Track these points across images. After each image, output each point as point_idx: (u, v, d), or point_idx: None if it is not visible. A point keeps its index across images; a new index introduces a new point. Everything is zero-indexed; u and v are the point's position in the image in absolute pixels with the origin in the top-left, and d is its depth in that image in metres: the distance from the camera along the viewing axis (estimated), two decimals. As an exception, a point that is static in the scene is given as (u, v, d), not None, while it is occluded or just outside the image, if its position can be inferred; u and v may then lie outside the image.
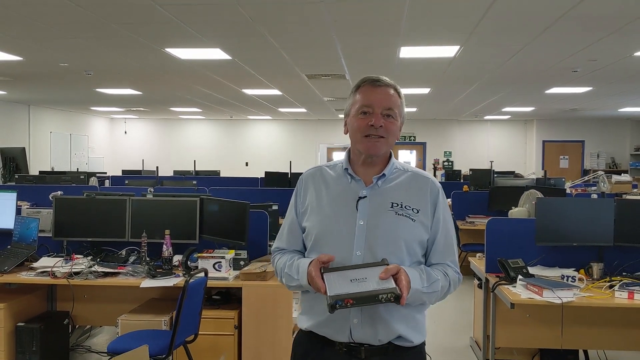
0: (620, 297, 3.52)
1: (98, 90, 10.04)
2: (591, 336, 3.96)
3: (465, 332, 5.08)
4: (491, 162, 14.71)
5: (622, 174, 11.68)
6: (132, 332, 3.57)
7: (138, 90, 10.17)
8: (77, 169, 12.99)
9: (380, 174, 1.80)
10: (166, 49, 6.19)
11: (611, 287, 3.62)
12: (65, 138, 14.68)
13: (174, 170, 11.98)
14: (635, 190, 8.00)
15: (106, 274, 3.90)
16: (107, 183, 9.86)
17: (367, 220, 1.73)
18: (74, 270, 3.87)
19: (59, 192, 4.60)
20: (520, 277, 3.73)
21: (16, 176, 9.25)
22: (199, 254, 3.94)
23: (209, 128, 17.46)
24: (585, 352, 4.38)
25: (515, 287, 3.66)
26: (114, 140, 17.51)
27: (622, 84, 8.52)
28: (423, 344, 1.82)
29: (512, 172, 11.05)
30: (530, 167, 15.65)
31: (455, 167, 15.42)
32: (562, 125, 15.79)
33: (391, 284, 1.55)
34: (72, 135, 14.98)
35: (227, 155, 17.06)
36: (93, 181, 8.55)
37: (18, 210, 4.56)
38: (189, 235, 4.25)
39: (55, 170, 12.20)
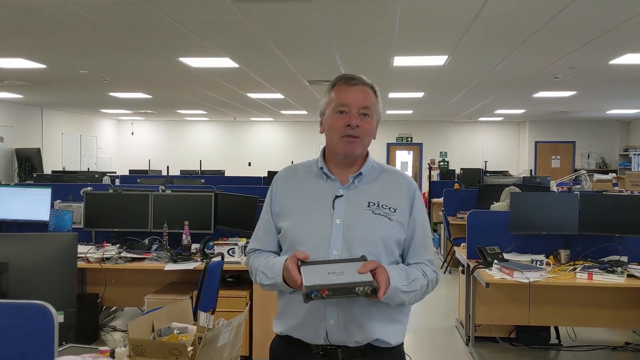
0: (581, 277, 4.05)
1: (111, 94, 10.61)
2: (556, 314, 4.49)
3: (451, 315, 5.62)
4: (485, 162, 15.25)
5: (610, 173, 12.24)
6: (157, 307, 4.13)
7: (148, 94, 10.74)
8: (88, 168, 13.56)
9: (357, 173, 1.78)
10: (179, 58, 6.77)
11: (575, 269, 4.17)
12: (76, 139, 15.25)
13: (180, 170, 12.47)
14: (615, 188, 8.54)
15: (133, 259, 4.45)
16: (116, 182, 10.37)
17: (344, 219, 1.70)
18: (105, 255, 4.43)
19: (89, 188, 5.14)
20: (496, 261, 4.28)
21: (34, 175, 9.80)
22: (215, 242, 4.49)
23: (213, 129, 18.00)
24: (556, 328, 4.94)
25: (491, 270, 4.20)
26: (121, 141, 18.06)
27: (603, 89, 9.08)
28: (402, 344, 1.79)
29: (502, 172, 11.56)
30: (523, 167, 16.18)
31: (451, 167, 15.94)
32: (553, 126, 16.32)
33: (369, 277, 1.52)
34: (82, 137, 15.57)
35: (230, 155, 17.58)
36: (106, 180, 9.10)
37: (51, 205, 5.11)
38: (205, 226, 4.79)
39: (66, 169, 12.77)
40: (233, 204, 4.81)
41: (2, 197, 4.99)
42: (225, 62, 6.96)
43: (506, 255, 4.45)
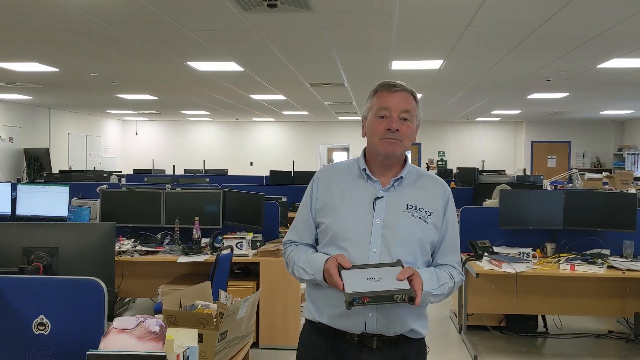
0: (564, 268, 4.37)
1: (118, 95, 10.93)
2: (541, 303, 4.80)
3: (445, 306, 5.93)
4: (482, 161, 15.61)
5: (603, 172, 12.56)
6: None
7: (154, 96, 11.06)
8: (94, 168, 13.87)
9: (398, 177, 1.86)
10: (187, 62, 7.09)
11: (559, 261, 4.49)
12: (82, 139, 15.57)
13: (184, 169, 12.76)
14: (606, 186, 8.86)
15: (148, 252, 4.77)
16: (122, 181, 10.67)
17: (384, 219, 1.79)
18: (121, 249, 4.74)
19: (105, 186, 5.46)
20: (486, 254, 4.60)
21: (44, 174, 10.11)
22: (224, 236, 4.81)
23: (216, 129, 18.30)
24: (544, 317, 5.26)
25: (481, 262, 4.52)
26: (125, 141, 18.38)
27: (595, 90, 9.39)
28: (424, 337, 1.91)
29: (498, 171, 11.89)
30: (519, 166, 16.50)
31: (449, 166, 16.23)
32: (549, 126, 16.63)
33: (406, 285, 1.61)
34: (87, 137, 15.89)
35: (232, 155, 17.87)
36: (113, 179, 9.42)
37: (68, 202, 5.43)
38: (214, 221, 5.09)
39: (72, 169, 13.10)
40: (240, 200, 5.12)
41: (24, 195, 5.31)
42: (231, 66, 7.29)
43: (496, 249, 4.76)
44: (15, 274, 2.04)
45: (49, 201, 5.33)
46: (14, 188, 5.44)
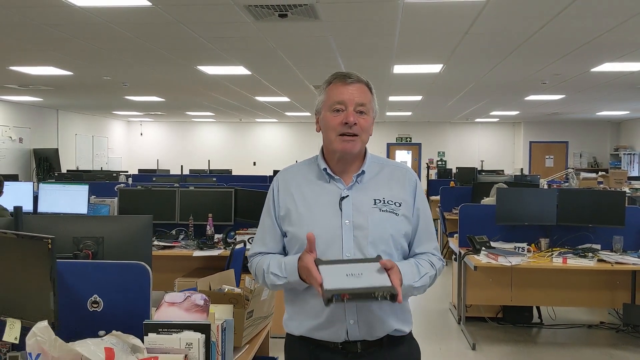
0: (557, 261, 4.65)
1: (127, 97, 11.23)
2: (535, 295, 5.10)
3: (445, 299, 6.23)
4: (482, 161, 15.90)
5: (600, 172, 12.86)
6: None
7: (162, 98, 11.35)
8: (101, 168, 14.16)
9: (360, 172, 1.77)
10: (197, 67, 7.38)
11: (552, 255, 4.78)
12: (88, 140, 15.87)
13: (189, 169, 13.03)
14: (600, 185, 9.17)
15: (164, 247, 5.06)
16: (129, 181, 10.94)
17: (353, 219, 1.70)
18: (140, 244, 5.02)
19: (122, 185, 5.75)
20: (483, 248, 4.88)
21: (55, 174, 10.40)
22: (237, 231, 5.10)
23: (220, 130, 18.57)
24: (538, 309, 5.54)
25: (479, 256, 4.80)
26: (130, 142, 18.67)
27: (590, 92, 9.69)
28: (411, 331, 1.83)
29: (496, 171, 12.16)
30: (518, 166, 16.79)
31: (449, 166, 16.51)
32: (547, 127, 16.92)
33: (387, 282, 1.53)
34: (94, 137, 16.19)
35: (236, 155, 18.13)
36: (122, 178, 9.71)
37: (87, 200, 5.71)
38: (226, 218, 5.36)
39: (79, 169, 13.39)
40: (251, 198, 5.40)
41: (46, 193, 5.61)
42: (239, 70, 7.59)
43: (493, 244, 5.03)
44: (70, 259, 2.32)
45: (69, 199, 5.61)
46: (36, 187, 5.75)
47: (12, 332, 1.92)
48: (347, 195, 1.72)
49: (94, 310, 2.12)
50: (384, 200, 1.73)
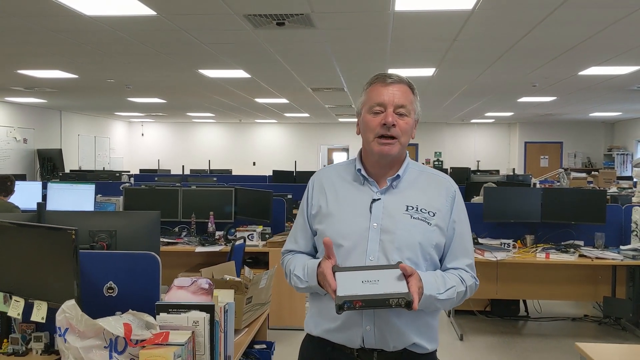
0: (540, 257, 4.91)
1: (129, 99, 11.48)
2: (520, 289, 5.34)
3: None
4: (478, 161, 16.15)
5: (592, 172, 13.12)
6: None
7: (164, 99, 11.61)
8: (104, 168, 14.41)
9: (395, 176, 1.73)
10: (199, 70, 7.64)
11: (536, 251, 5.04)
12: (91, 140, 16.12)
13: (190, 169, 13.26)
14: (590, 185, 9.43)
15: (168, 243, 5.32)
16: (131, 180, 11.17)
17: (381, 223, 1.66)
18: (145, 240, 5.28)
19: (127, 184, 6.01)
20: (471, 244, 5.14)
21: (59, 174, 10.66)
22: (237, 229, 5.36)
23: (220, 131, 18.78)
24: (525, 302, 5.81)
25: (467, 251, 5.07)
26: (131, 142, 18.90)
27: (580, 94, 9.95)
28: (435, 351, 1.76)
29: (490, 171, 12.41)
30: (513, 166, 17.03)
31: (445, 166, 16.76)
32: (542, 127, 17.14)
33: (403, 289, 1.46)
34: (96, 138, 16.44)
35: (235, 155, 18.35)
36: (124, 178, 9.98)
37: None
38: (227, 216, 5.62)
39: (82, 169, 13.65)
40: (250, 197, 5.66)
41: (54, 192, 5.87)
42: (239, 73, 7.84)
43: (481, 240, 5.29)
44: (87, 249, 2.59)
45: (76, 198, 5.87)
46: (44, 187, 6.00)
47: (39, 313, 2.18)
48: (379, 199, 1.69)
49: (109, 295, 2.36)
50: (417, 208, 1.68)
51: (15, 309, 2.23)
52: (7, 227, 2.29)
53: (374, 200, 1.69)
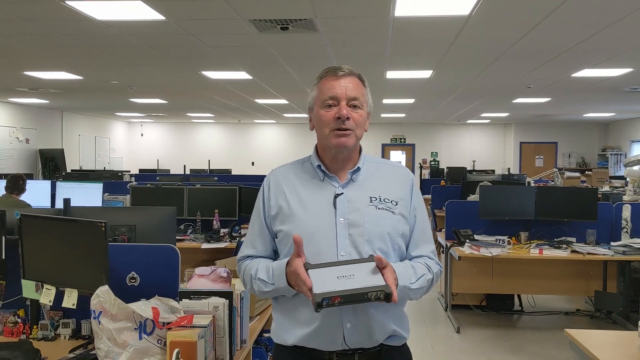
0: (534, 252, 5.10)
1: (131, 99, 11.64)
2: (514, 284, 5.54)
3: (434, 288, 6.68)
4: (473, 161, 16.35)
5: (586, 172, 13.35)
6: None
7: (165, 100, 11.77)
8: (104, 167, 14.55)
9: (355, 168, 1.72)
10: (202, 72, 7.82)
11: (530, 247, 5.23)
12: (91, 140, 16.25)
13: (190, 169, 13.39)
14: (583, 184, 9.64)
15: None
16: (132, 180, 11.29)
17: (348, 217, 1.63)
18: (152, 237, 5.45)
19: (134, 182, 6.18)
20: (467, 241, 5.33)
21: (63, 173, 10.80)
22: (242, 226, 5.53)
23: (219, 131, 18.92)
24: (519, 297, 6.00)
25: (463, 247, 5.25)
26: (131, 142, 19.02)
27: (573, 96, 10.16)
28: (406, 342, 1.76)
29: (485, 170, 12.61)
30: (508, 166, 17.23)
31: (442, 166, 16.93)
32: (537, 128, 17.35)
33: (380, 281, 1.46)
34: (96, 138, 16.57)
35: (235, 155, 18.49)
36: (126, 177, 10.13)
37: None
38: (231, 214, 5.77)
39: (83, 168, 13.78)
40: (254, 195, 5.81)
41: (63, 191, 6.03)
42: (241, 75, 8.02)
43: (477, 237, 5.46)
44: (110, 242, 2.76)
45: (84, 196, 6.04)
46: (52, 186, 6.17)
47: (70, 300, 2.36)
48: (342, 193, 1.67)
49: (131, 284, 2.52)
50: (380, 198, 1.68)
51: (47, 296, 2.40)
52: (40, 222, 2.47)
53: (337, 195, 1.67)
